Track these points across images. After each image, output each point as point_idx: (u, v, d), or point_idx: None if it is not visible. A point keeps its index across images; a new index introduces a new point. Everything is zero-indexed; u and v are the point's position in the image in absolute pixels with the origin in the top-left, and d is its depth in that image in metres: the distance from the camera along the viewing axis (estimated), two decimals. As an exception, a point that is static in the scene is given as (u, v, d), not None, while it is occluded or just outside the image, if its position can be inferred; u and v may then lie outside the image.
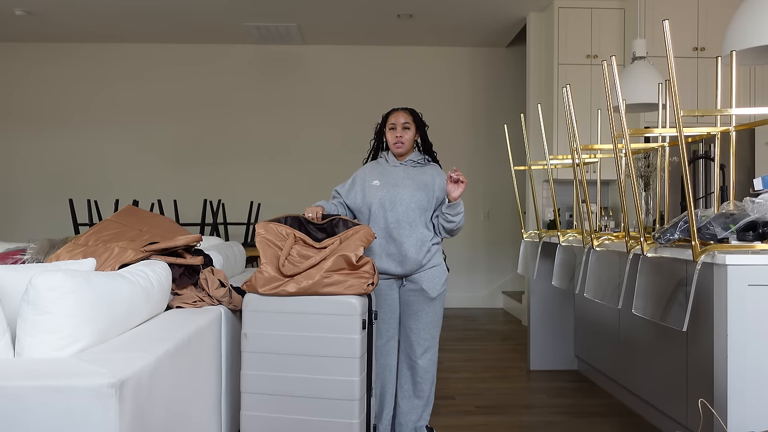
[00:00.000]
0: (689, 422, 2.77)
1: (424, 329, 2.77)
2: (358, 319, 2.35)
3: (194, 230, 6.02)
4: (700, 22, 5.09)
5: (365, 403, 2.43)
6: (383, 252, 2.70)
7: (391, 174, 2.78)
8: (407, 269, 2.71)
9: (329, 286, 2.36)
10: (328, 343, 2.37)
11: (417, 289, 2.74)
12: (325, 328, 2.38)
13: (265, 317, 2.45)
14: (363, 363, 2.40)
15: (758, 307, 2.12)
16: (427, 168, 2.82)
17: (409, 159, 2.81)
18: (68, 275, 1.73)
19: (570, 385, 3.96)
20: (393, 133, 2.78)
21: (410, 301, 2.76)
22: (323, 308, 2.39)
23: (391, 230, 2.69)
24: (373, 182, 2.77)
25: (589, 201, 3.16)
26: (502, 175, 6.99)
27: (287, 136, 7.09)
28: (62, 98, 7.02)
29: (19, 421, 1.45)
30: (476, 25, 6.36)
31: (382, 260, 2.70)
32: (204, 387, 2.24)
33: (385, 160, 2.85)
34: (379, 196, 2.72)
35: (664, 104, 3.23)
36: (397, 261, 2.69)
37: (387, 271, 2.72)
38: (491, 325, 6.12)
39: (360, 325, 2.36)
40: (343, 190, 2.87)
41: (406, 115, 2.80)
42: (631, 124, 4.81)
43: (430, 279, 2.73)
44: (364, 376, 2.42)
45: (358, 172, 2.87)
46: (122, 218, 2.93)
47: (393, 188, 2.73)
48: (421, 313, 2.76)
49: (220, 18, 6.13)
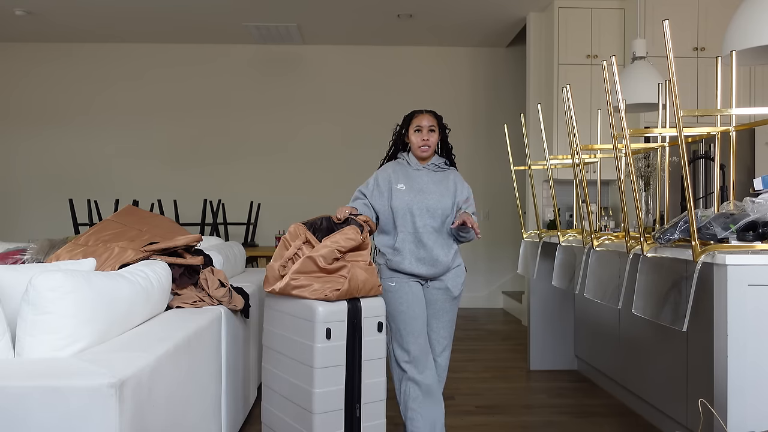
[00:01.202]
0: (689, 422, 2.77)
1: (443, 327, 2.81)
2: (320, 326, 2.21)
3: (194, 230, 6.01)
4: (700, 22, 5.09)
5: (341, 419, 2.25)
6: (413, 256, 2.70)
7: (416, 178, 2.77)
8: (437, 272, 2.73)
9: (296, 289, 2.30)
10: (297, 348, 2.30)
11: (442, 288, 2.77)
12: (296, 331, 2.31)
13: (269, 313, 2.52)
14: (329, 375, 2.22)
15: (758, 307, 2.12)
16: (448, 173, 2.84)
17: (431, 163, 2.82)
18: (68, 275, 1.73)
19: (570, 385, 3.96)
20: (419, 136, 2.77)
21: (433, 300, 2.78)
22: (295, 310, 2.33)
23: (420, 235, 2.70)
24: (398, 185, 2.75)
25: (589, 201, 3.16)
26: (502, 175, 6.99)
27: (287, 136, 7.09)
28: (62, 98, 7.02)
29: (19, 421, 1.45)
30: (476, 25, 6.36)
31: (413, 264, 2.70)
32: (204, 387, 2.24)
33: (407, 162, 2.82)
34: (406, 200, 2.71)
35: (664, 104, 3.23)
36: (428, 264, 2.71)
37: (419, 273, 2.72)
38: (491, 325, 6.12)
39: (322, 334, 2.21)
40: (367, 191, 2.82)
41: (432, 119, 2.80)
42: (631, 124, 4.81)
43: (453, 278, 2.78)
44: (334, 390, 2.23)
45: (380, 173, 2.82)
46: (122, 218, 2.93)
47: (419, 194, 2.73)
48: (442, 312, 2.79)
49: (220, 18, 6.13)
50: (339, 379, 2.26)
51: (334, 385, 2.25)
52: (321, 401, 2.22)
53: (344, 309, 2.28)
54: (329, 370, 2.24)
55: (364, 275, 2.36)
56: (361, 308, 2.33)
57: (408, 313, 2.70)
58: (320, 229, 2.53)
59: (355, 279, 2.32)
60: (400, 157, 2.86)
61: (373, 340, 2.36)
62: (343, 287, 2.29)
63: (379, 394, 2.38)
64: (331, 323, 2.24)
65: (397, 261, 2.72)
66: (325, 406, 2.23)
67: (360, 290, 2.35)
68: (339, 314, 2.27)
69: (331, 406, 2.24)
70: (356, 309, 2.32)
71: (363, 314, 2.33)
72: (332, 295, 2.27)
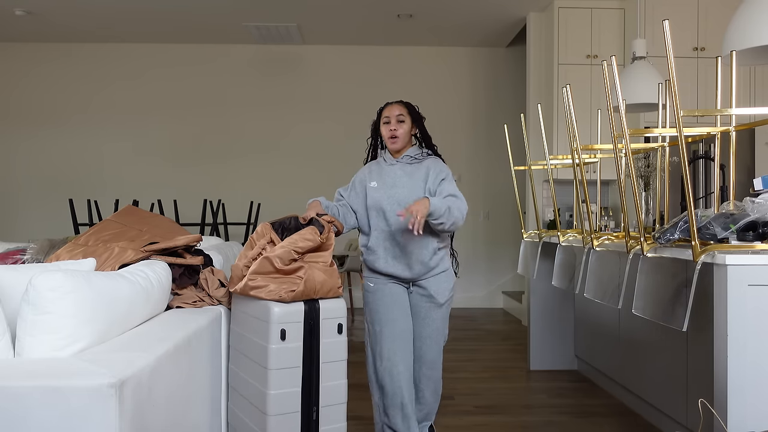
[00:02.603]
0: (689, 422, 2.77)
1: (430, 336, 2.66)
2: (275, 327, 2.18)
3: (194, 230, 6.01)
4: (700, 22, 5.09)
5: (297, 422, 2.21)
6: (388, 255, 2.61)
7: (389, 174, 2.67)
8: (415, 273, 2.61)
9: (253, 290, 2.26)
10: (255, 348, 2.28)
11: (425, 295, 2.65)
12: (254, 332, 2.29)
13: (235, 314, 2.49)
14: (284, 377, 2.19)
15: (758, 307, 2.11)
16: (424, 162, 2.67)
17: (406, 155, 2.68)
18: (68, 275, 1.73)
19: (570, 385, 3.96)
20: (387, 127, 2.66)
21: (417, 307, 2.66)
22: (254, 311, 2.30)
23: (393, 233, 2.60)
24: (371, 184, 2.67)
25: (589, 201, 3.16)
26: (502, 175, 6.99)
27: (287, 136, 7.09)
28: (62, 98, 7.02)
29: (19, 421, 1.45)
30: (476, 25, 6.36)
31: (388, 263, 2.61)
32: (204, 387, 2.24)
33: (383, 159, 2.73)
34: (377, 197, 2.63)
35: (664, 104, 3.23)
36: (404, 264, 2.60)
37: (395, 274, 2.63)
38: (491, 325, 6.12)
39: (277, 335, 2.18)
40: (345, 192, 2.77)
41: (401, 108, 2.67)
42: (631, 124, 4.81)
43: (437, 284, 2.64)
44: (290, 391, 2.19)
45: (358, 174, 2.77)
46: (122, 218, 2.93)
47: (391, 188, 2.62)
48: (428, 320, 2.66)
49: (220, 18, 6.13)
50: (295, 381, 2.21)
51: (290, 387, 2.20)
52: (275, 403, 2.18)
53: (301, 310, 2.23)
54: (284, 372, 2.20)
55: (322, 276, 2.29)
56: (319, 309, 2.27)
57: (386, 315, 2.60)
58: (289, 228, 2.46)
59: (311, 280, 2.26)
60: (380, 155, 2.78)
61: (332, 342, 2.28)
62: (298, 288, 2.23)
63: (339, 397, 2.30)
64: (286, 324, 2.20)
65: (371, 260, 2.64)
66: (280, 408, 2.19)
67: (318, 291, 2.28)
68: (295, 315, 2.22)
69: (286, 408, 2.20)
70: (314, 310, 2.27)
71: (321, 315, 2.27)
72: (287, 296, 2.22)
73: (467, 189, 7.00)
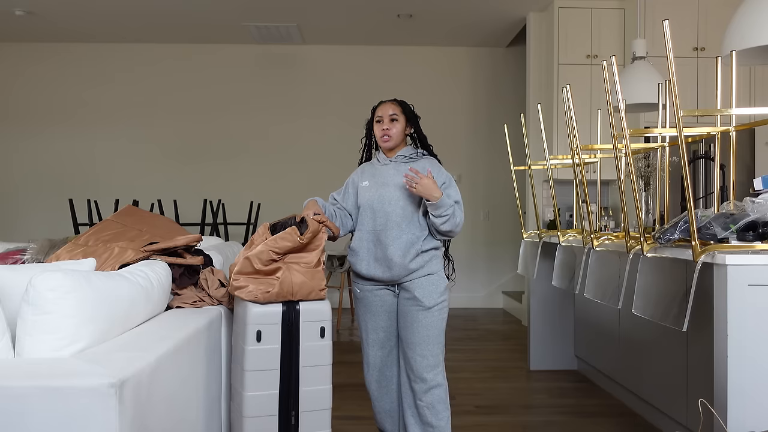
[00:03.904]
0: (689, 422, 2.77)
1: (420, 344, 2.47)
2: (251, 328, 2.14)
3: (194, 230, 6.00)
4: (700, 22, 5.09)
5: (274, 425, 2.16)
6: (371, 257, 2.52)
7: (381, 173, 2.60)
8: (395, 274, 2.49)
9: (236, 290, 2.24)
10: (237, 349, 2.28)
11: (410, 298, 2.50)
12: (237, 332, 2.29)
13: (234, 314, 2.49)
14: (261, 379, 2.15)
15: (758, 307, 2.11)
16: (418, 162, 2.58)
17: (399, 154, 2.60)
18: (68, 275, 1.73)
19: (570, 385, 3.96)
20: (379, 126, 2.58)
21: (404, 311, 2.53)
22: (238, 311, 2.30)
23: (378, 233, 2.51)
24: (363, 183, 2.62)
25: (589, 201, 3.16)
26: (502, 175, 6.99)
27: (287, 136, 7.09)
28: (62, 98, 7.02)
29: (19, 421, 1.45)
30: (476, 25, 6.36)
31: (370, 266, 2.52)
32: (204, 387, 2.24)
33: (377, 159, 2.67)
34: (368, 197, 2.57)
35: (664, 104, 3.23)
36: (384, 265, 2.49)
37: (375, 276, 2.52)
38: (491, 325, 6.12)
39: (253, 336, 2.14)
40: (339, 195, 2.71)
41: (394, 106, 2.60)
42: (631, 124, 4.80)
43: (423, 287, 2.49)
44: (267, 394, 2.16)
45: (352, 175, 2.70)
46: (122, 218, 2.93)
47: (382, 187, 2.55)
48: (416, 324, 2.48)
49: (220, 18, 6.13)
50: (272, 384, 2.17)
51: (267, 389, 2.16)
52: (251, 405, 2.15)
53: (278, 311, 2.18)
54: (261, 374, 2.16)
55: (301, 278, 2.22)
56: (299, 312, 2.21)
57: (372, 323, 2.58)
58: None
59: (287, 282, 2.20)
60: (374, 156, 2.73)
61: (313, 345, 2.21)
62: (273, 289, 2.19)
63: (322, 403, 2.23)
64: (263, 326, 2.16)
65: (354, 263, 2.57)
66: (256, 410, 2.15)
67: (295, 293, 2.21)
68: (272, 317, 2.17)
69: (263, 411, 2.16)
70: (292, 312, 2.20)
71: (301, 318, 2.21)
72: (262, 296, 2.18)
73: (467, 189, 7.01)
